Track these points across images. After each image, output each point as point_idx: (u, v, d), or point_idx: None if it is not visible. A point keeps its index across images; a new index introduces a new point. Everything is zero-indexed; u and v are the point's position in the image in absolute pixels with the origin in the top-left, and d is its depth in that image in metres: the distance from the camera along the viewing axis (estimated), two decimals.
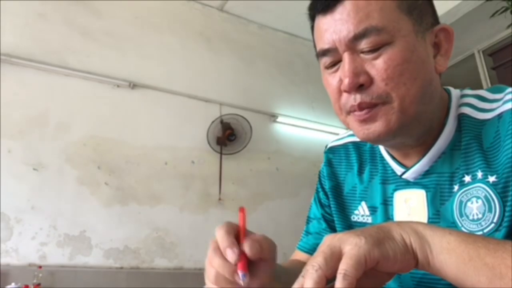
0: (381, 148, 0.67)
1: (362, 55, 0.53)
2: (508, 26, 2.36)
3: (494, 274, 0.35)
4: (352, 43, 0.53)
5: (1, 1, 2.41)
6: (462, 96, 0.61)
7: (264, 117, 3.24)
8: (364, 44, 0.53)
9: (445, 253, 0.37)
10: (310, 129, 3.36)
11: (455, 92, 0.61)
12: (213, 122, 2.88)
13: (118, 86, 2.67)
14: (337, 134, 0.80)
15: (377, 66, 0.52)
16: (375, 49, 0.52)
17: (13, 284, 1.93)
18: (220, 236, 0.44)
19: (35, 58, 2.43)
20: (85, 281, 2.19)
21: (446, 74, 0.61)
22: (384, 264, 0.36)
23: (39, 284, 2.01)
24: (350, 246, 0.36)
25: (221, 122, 2.91)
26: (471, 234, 0.39)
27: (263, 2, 3.22)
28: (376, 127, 0.54)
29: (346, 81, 0.53)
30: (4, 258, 2.06)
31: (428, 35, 0.56)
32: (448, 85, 0.65)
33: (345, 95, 0.56)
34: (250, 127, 2.95)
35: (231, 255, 0.42)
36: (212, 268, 0.44)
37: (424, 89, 0.54)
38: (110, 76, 2.65)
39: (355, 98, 0.54)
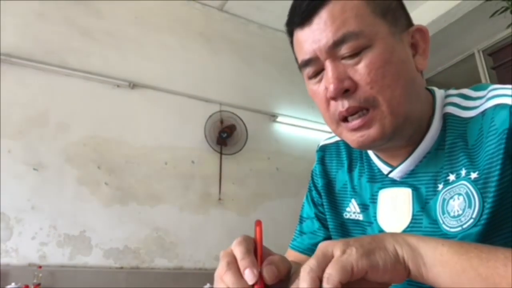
0: None
1: (343, 61, 0.54)
2: (508, 26, 2.36)
3: (487, 284, 0.35)
4: (332, 50, 0.54)
5: (1, 1, 2.41)
6: (447, 96, 0.62)
7: (264, 117, 3.24)
8: (344, 50, 0.53)
9: (439, 265, 0.38)
10: (310, 129, 3.36)
11: (439, 92, 0.62)
12: (210, 116, 2.88)
13: (118, 86, 2.67)
14: None
15: (360, 71, 0.53)
16: (356, 54, 0.53)
17: (13, 284, 1.93)
18: (240, 253, 0.42)
19: (35, 58, 2.43)
20: (85, 281, 2.19)
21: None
22: (374, 274, 0.37)
23: (39, 284, 2.01)
24: (340, 253, 0.37)
25: (221, 121, 2.91)
26: (463, 243, 0.39)
27: (263, 2, 3.22)
28: (371, 132, 0.54)
29: (331, 87, 0.53)
30: (4, 258, 2.06)
31: (405, 36, 0.57)
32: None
33: (333, 103, 0.56)
34: (244, 124, 2.96)
35: (251, 276, 0.40)
36: (224, 284, 0.42)
37: (409, 88, 0.55)
38: (110, 76, 2.65)
39: (343, 104, 0.54)
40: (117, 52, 2.75)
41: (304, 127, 3.35)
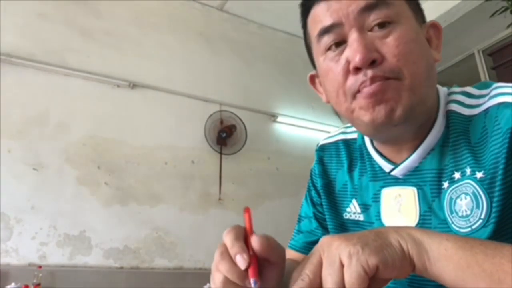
0: (369, 147, 0.67)
1: (370, 33, 0.53)
2: (508, 26, 2.36)
3: (492, 281, 0.35)
4: (361, 16, 0.53)
5: (1, 1, 2.41)
6: (450, 93, 0.61)
7: (264, 117, 3.24)
8: (373, 17, 0.53)
9: (443, 260, 0.37)
10: (310, 129, 3.36)
11: (442, 90, 0.62)
12: (210, 116, 2.88)
13: (118, 86, 2.67)
14: None
15: (388, 43, 0.52)
16: (384, 26, 0.53)
17: (13, 284, 1.93)
18: (230, 241, 0.43)
19: (35, 58, 2.43)
20: (85, 281, 2.19)
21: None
22: (383, 271, 0.37)
23: (39, 284, 2.01)
24: (348, 260, 0.36)
25: (220, 121, 2.92)
26: (468, 239, 0.39)
27: (263, 2, 3.22)
28: (387, 106, 0.52)
29: (358, 56, 0.51)
30: (4, 258, 2.06)
31: (422, 28, 0.58)
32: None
33: (351, 77, 0.54)
34: (244, 124, 2.95)
35: (241, 261, 0.41)
36: (220, 273, 0.43)
37: (429, 71, 0.55)
38: (110, 76, 2.65)
39: (366, 73, 0.52)
40: (117, 52, 2.74)
41: (304, 127, 3.35)
